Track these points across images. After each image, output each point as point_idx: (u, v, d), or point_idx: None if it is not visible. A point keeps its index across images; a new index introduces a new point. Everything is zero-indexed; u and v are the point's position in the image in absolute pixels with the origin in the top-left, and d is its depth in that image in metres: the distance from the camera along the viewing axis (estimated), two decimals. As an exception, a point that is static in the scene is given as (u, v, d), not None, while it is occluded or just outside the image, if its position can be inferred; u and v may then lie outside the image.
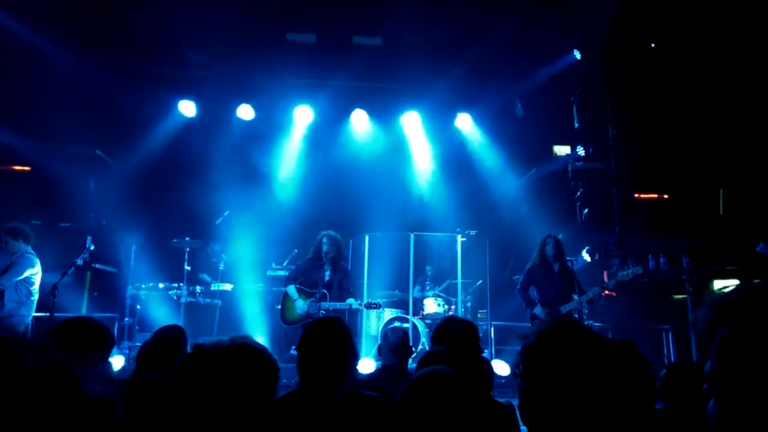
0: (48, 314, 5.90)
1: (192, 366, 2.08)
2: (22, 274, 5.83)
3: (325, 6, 7.42)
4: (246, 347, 1.86)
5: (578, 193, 8.34)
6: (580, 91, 8.34)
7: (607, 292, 6.58)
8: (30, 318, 5.98)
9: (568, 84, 8.33)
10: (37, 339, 2.53)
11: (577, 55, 7.97)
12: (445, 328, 3.17)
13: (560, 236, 6.65)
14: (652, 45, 7.39)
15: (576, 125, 8.41)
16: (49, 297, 5.71)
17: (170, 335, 3.34)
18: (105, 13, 7.44)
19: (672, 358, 6.96)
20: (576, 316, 6.26)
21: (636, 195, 8.65)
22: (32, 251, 6.05)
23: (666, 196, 8.76)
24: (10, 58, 7.42)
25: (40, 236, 6.26)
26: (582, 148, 8.27)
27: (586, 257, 7.80)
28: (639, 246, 7.85)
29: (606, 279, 7.35)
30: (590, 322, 7.07)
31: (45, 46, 7.34)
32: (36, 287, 6.00)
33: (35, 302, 6.00)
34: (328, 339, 2.52)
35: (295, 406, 2.38)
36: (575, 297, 6.18)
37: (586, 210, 8.13)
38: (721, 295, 1.19)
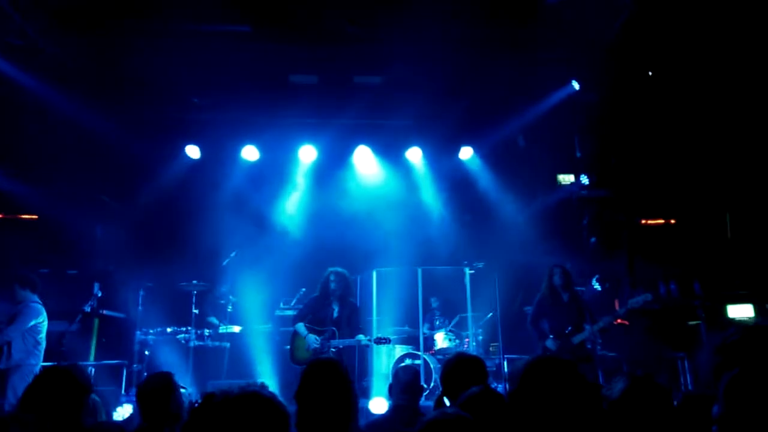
0: (56, 363, 5.85)
1: (203, 416, 2.05)
2: (27, 323, 5.82)
3: (325, 48, 7.57)
4: (256, 396, 1.83)
5: (585, 222, 8.32)
6: (581, 121, 8.40)
7: (619, 320, 6.48)
8: (38, 367, 5.94)
9: (568, 114, 8.40)
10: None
11: (576, 85, 8.07)
12: (453, 370, 3.12)
13: (569, 266, 6.60)
14: (650, 73, 7.48)
15: (578, 154, 8.45)
16: (57, 345, 5.68)
17: (158, 384, 3.25)
18: (109, 62, 7.63)
19: (689, 386, 6.80)
20: (589, 346, 6.15)
21: (643, 221, 8.62)
22: (38, 300, 6.05)
23: (673, 222, 8.72)
24: (16, 108, 7.59)
25: (47, 284, 6.29)
26: (586, 177, 8.29)
27: (597, 286, 7.72)
28: (649, 272, 7.78)
29: (617, 307, 7.26)
30: (604, 352, 6.95)
31: (50, 95, 7.50)
32: (43, 336, 5.99)
33: (42, 351, 5.97)
34: (330, 387, 2.45)
35: None
36: (587, 327, 6.08)
37: (593, 238, 8.10)
38: (724, 338, 1.19)
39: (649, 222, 8.69)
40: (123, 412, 6.69)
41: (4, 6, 6.43)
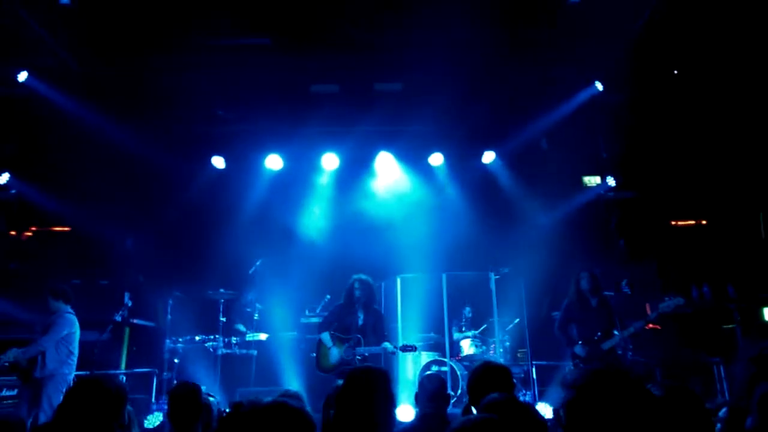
0: (89, 372, 5.98)
1: (231, 426, 2.07)
2: (60, 333, 5.95)
3: (345, 57, 7.64)
4: (284, 406, 1.84)
5: (612, 224, 8.16)
6: (606, 121, 8.27)
7: (650, 325, 6.33)
8: (71, 376, 6.07)
9: (592, 115, 8.29)
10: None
11: (599, 86, 7.96)
12: (479, 379, 3.09)
13: (596, 270, 6.47)
14: (675, 72, 7.33)
15: (604, 155, 8.31)
16: (89, 354, 5.80)
17: (185, 393, 3.32)
18: (137, 79, 7.83)
19: (726, 394, 6.60)
20: (620, 352, 6.02)
21: (673, 222, 8.42)
22: (71, 310, 6.20)
23: (704, 222, 8.50)
24: (49, 125, 7.82)
25: (79, 294, 6.43)
26: (612, 179, 8.14)
27: (626, 290, 7.56)
28: (680, 275, 7.59)
29: (648, 312, 7.10)
30: (636, 358, 6.80)
31: (81, 112, 7.72)
32: (75, 345, 6.12)
33: (75, 360, 6.10)
34: (372, 394, 2.46)
35: None
36: (617, 333, 5.95)
37: (622, 241, 7.94)
38: (761, 348, 1.16)
39: (680, 223, 8.49)
40: (154, 420, 6.80)
41: (36, 28, 6.66)
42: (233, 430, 1.91)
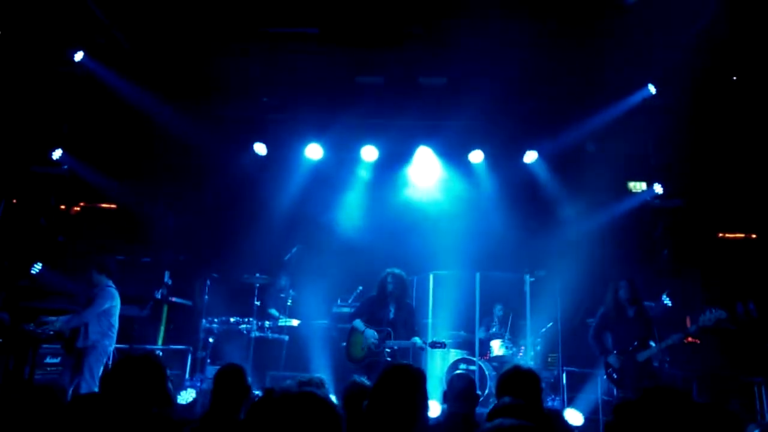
0: (128, 345, 6.19)
1: (262, 411, 2.11)
2: (102, 306, 6.16)
3: (392, 50, 7.61)
4: (312, 396, 1.86)
5: (657, 233, 7.91)
6: (657, 126, 8.00)
7: (690, 339, 6.12)
8: (112, 348, 6.30)
9: (643, 118, 8.02)
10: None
11: (652, 89, 7.69)
12: (507, 382, 3.07)
13: (637, 279, 6.29)
14: (734, 78, 7.01)
15: (652, 162, 8.04)
16: (129, 329, 5.99)
17: (232, 374, 3.41)
18: (186, 61, 8.00)
19: (766, 415, 6.34)
20: (656, 364, 5.85)
21: (720, 235, 8.11)
22: (113, 285, 6.40)
23: (754, 236, 8.15)
24: (99, 103, 8.07)
25: (122, 270, 6.65)
26: (660, 186, 7.87)
27: (667, 302, 7.33)
28: (725, 290, 7.31)
29: (689, 325, 6.87)
30: (673, 371, 6.60)
31: (130, 92, 7.92)
32: (116, 319, 6.33)
33: (116, 333, 6.32)
34: (407, 392, 2.46)
35: None
36: (653, 344, 5.78)
37: (665, 251, 7.68)
38: None
39: (727, 236, 8.16)
40: (187, 396, 7.00)
41: (91, 7, 6.87)
42: (263, 416, 1.94)
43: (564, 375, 7.40)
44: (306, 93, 8.48)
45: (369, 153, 9.27)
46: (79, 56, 7.69)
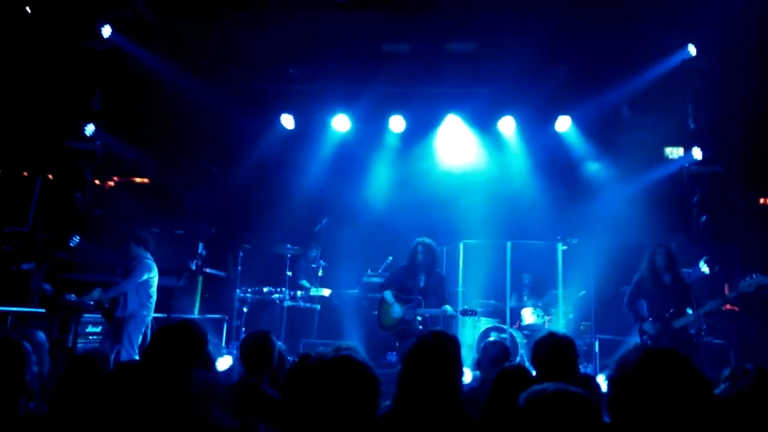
0: (166, 315, 6.37)
1: (298, 376, 2.13)
2: (140, 277, 6.35)
3: (418, 16, 7.42)
4: (349, 360, 1.86)
5: (695, 199, 7.65)
6: (696, 89, 7.66)
7: (728, 306, 5.97)
8: (150, 318, 6.50)
9: (681, 82, 7.70)
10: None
11: (692, 50, 7.36)
12: (543, 349, 3.05)
13: (674, 245, 6.14)
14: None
15: (692, 126, 7.74)
16: (166, 299, 6.16)
17: (257, 341, 3.47)
18: (213, 34, 7.96)
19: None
20: (692, 331, 5.74)
21: (762, 200, 7.82)
22: (150, 257, 6.58)
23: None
24: (131, 80, 8.14)
25: (157, 243, 6.80)
26: (700, 150, 7.58)
27: (705, 269, 7.14)
28: (765, 256, 7.08)
29: (727, 292, 6.69)
30: (709, 338, 6.47)
31: (160, 67, 7.95)
32: (154, 290, 6.52)
33: (154, 304, 6.51)
34: (442, 361, 2.46)
35: (393, 427, 2.32)
36: (690, 311, 5.66)
37: (704, 217, 7.43)
38: None
39: (766, 201, 7.87)
40: (223, 362, 7.21)
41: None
42: (300, 381, 1.96)
43: (597, 343, 7.35)
44: (332, 63, 8.37)
45: (397, 123, 9.17)
46: (107, 31, 7.74)
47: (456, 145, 9.37)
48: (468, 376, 6.46)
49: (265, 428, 1.69)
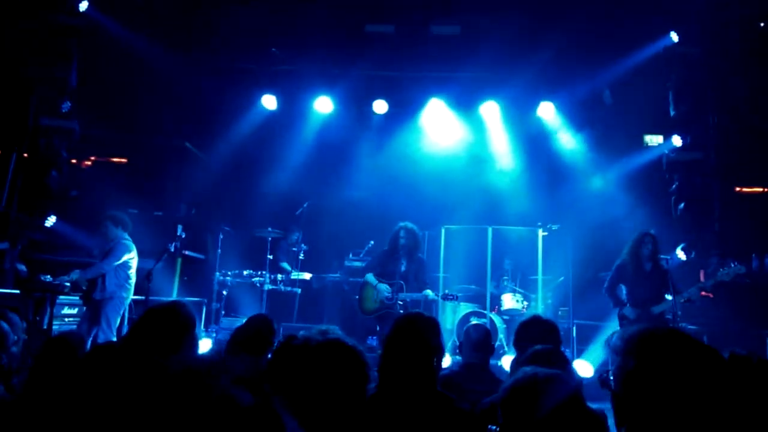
0: (144, 297, 6.28)
1: (286, 357, 2.10)
2: (119, 258, 6.24)
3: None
4: (339, 344, 1.85)
5: (673, 186, 7.77)
6: (677, 77, 7.74)
7: (704, 293, 6.10)
8: (129, 300, 6.41)
9: (663, 68, 7.77)
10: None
11: (674, 37, 7.41)
12: (527, 332, 3.08)
13: (652, 231, 6.25)
14: (762, 24, 6.71)
15: (672, 113, 7.82)
16: (144, 281, 6.07)
17: (262, 323, 3.46)
18: (194, 12, 7.78)
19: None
20: (669, 317, 5.87)
21: (738, 189, 7.97)
22: (129, 238, 6.46)
23: (773, 190, 8.01)
24: (110, 57, 7.92)
25: (135, 224, 6.69)
26: (679, 138, 7.68)
27: (681, 255, 7.28)
28: (741, 244, 7.24)
29: (703, 279, 6.84)
30: (684, 324, 6.62)
31: (139, 45, 7.75)
32: (133, 271, 6.42)
33: (133, 285, 6.41)
34: (421, 342, 2.45)
35: (375, 410, 2.31)
36: (669, 297, 5.78)
37: (681, 204, 7.55)
38: None
39: (745, 190, 8.02)
40: (202, 345, 7.15)
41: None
42: (288, 362, 1.94)
43: (574, 328, 7.47)
44: (315, 43, 8.25)
45: (380, 106, 9.09)
46: (83, 5, 7.51)
47: (439, 129, 9.34)
48: (447, 359, 6.52)
49: (282, 407, 1.66)
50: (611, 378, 1.74)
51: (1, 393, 2.37)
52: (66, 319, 6.80)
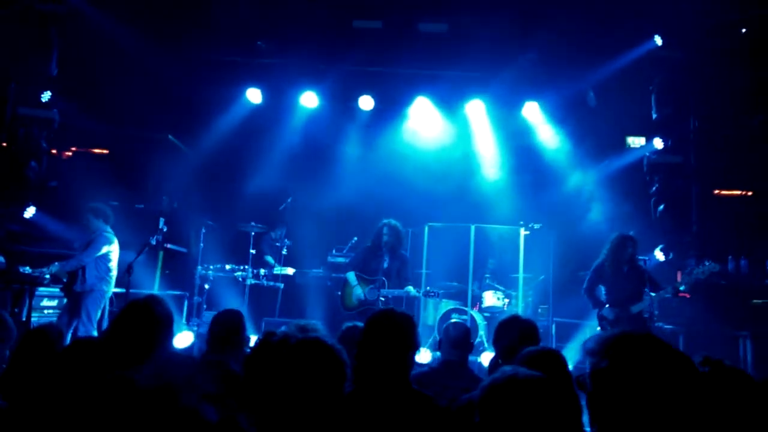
0: (125, 290, 6.22)
1: (263, 356, 2.10)
2: (99, 250, 6.18)
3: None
4: (318, 342, 1.85)
5: (653, 188, 7.89)
6: (660, 80, 7.84)
7: (680, 293, 6.22)
8: (110, 293, 6.35)
9: (646, 71, 7.87)
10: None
11: (659, 40, 7.51)
12: (507, 332, 3.11)
13: (631, 233, 6.34)
14: (744, 30, 6.83)
15: (654, 116, 7.94)
16: (125, 275, 6.02)
17: (230, 319, 3.46)
18: (180, 2, 7.69)
19: (749, 368, 6.53)
20: (646, 316, 5.98)
21: (717, 192, 8.12)
22: (110, 230, 6.40)
23: (750, 194, 8.16)
24: (91, 46, 7.79)
25: (117, 217, 6.62)
26: (660, 141, 7.80)
27: (660, 256, 7.40)
28: (718, 246, 7.38)
29: (679, 279, 6.96)
30: (660, 324, 6.75)
31: (122, 35, 7.64)
32: (114, 264, 6.36)
33: (114, 278, 6.36)
34: (397, 339, 2.46)
35: (351, 408, 2.31)
36: (647, 297, 5.90)
37: (661, 206, 7.68)
38: None
39: (723, 193, 8.17)
40: (184, 339, 7.10)
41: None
42: (266, 360, 1.94)
43: (554, 326, 7.57)
44: (302, 37, 8.21)
45: (365, 102, 9.08)
46: (66, -7, 7.40)
47: (424, 127, 9.36)
48: (427, 356, 6.57)
49: (246, 421, 1.66)
50: (588, 380, 1.77)
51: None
52: (45, 311, 6.72)
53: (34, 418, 2.12)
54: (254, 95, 9.00)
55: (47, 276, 6.17)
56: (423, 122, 9.33)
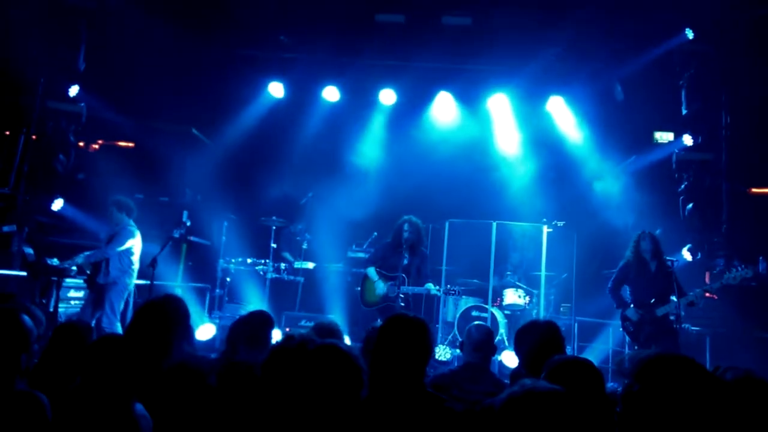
0: (149, 282, 6.31)
1: (282, 359, 2.10)
2: (123, 244, 6.27)
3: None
4: (335, 348, 1.84)
5: (682, 186, 7.68)
6: (691, 74, 7.61)
7: (708, 294, 6.06)
8: (132, 285, 6.45)
9: (676, 66, 7.65)
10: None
11: (690, 34, 7.29)
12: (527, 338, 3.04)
13: (658, 232, 6.19)
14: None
15: (684, 111, 7.71)
16: (149, 268, 6.09)
17: (259, 320, 3.46)
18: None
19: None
20: (672, 318, 5.84)
21: (749, 190, 7.87)
22: (133, 224, 6.49)
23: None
24: (118, 40, 7.89)
25: (141, 209, 6.71)
26: (690, 137, 7.58)
27: (687, 256, 7.21)
28: (748, 246, 7.17)
29: (708, 280, 6.79)
30: (687, 326, 6.59)
31: (148, 29, 7.70)
32: (137, 257, 6.45)
33: (136, 271, 6.45)
34: (410, 345, 2.40)
35: (366, 413, 2.28)
36: (673, 299, 5.74)
37: (690, 205, 7.47)
38: None
39: (755, 191, 7.92)
40: (206, 331, 7.20)
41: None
42: (283, 364, 1.94)
43: (576, 325, 7.46)
44: (324, 32, 8.18)
45: (387, 96, 9.03)
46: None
47: (447, 122, 9.26)
48: (446, 353, 6.54)
49: None
50: (619, 400, 1.74)
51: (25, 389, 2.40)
52: (72, 302, 6.87)
53: None
54: (276, 89, 9.02)
55: (74, 268, 6.28)
56: (446, 117, 9.24)
